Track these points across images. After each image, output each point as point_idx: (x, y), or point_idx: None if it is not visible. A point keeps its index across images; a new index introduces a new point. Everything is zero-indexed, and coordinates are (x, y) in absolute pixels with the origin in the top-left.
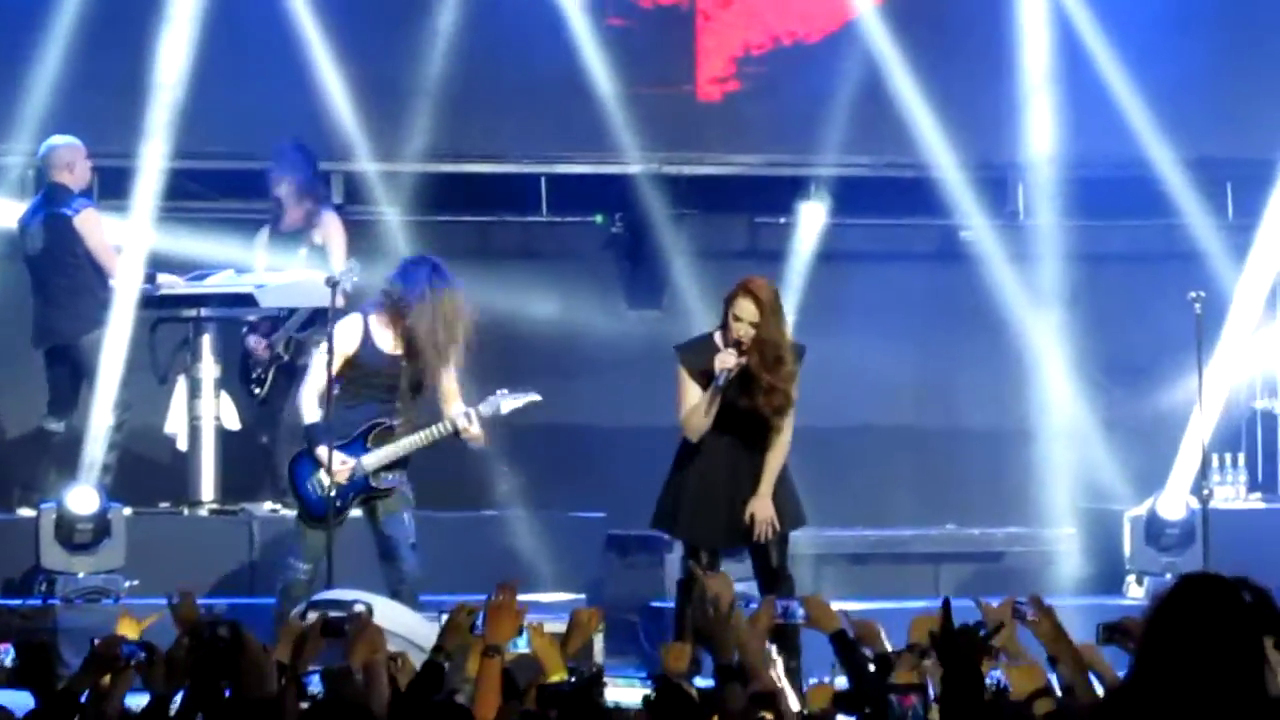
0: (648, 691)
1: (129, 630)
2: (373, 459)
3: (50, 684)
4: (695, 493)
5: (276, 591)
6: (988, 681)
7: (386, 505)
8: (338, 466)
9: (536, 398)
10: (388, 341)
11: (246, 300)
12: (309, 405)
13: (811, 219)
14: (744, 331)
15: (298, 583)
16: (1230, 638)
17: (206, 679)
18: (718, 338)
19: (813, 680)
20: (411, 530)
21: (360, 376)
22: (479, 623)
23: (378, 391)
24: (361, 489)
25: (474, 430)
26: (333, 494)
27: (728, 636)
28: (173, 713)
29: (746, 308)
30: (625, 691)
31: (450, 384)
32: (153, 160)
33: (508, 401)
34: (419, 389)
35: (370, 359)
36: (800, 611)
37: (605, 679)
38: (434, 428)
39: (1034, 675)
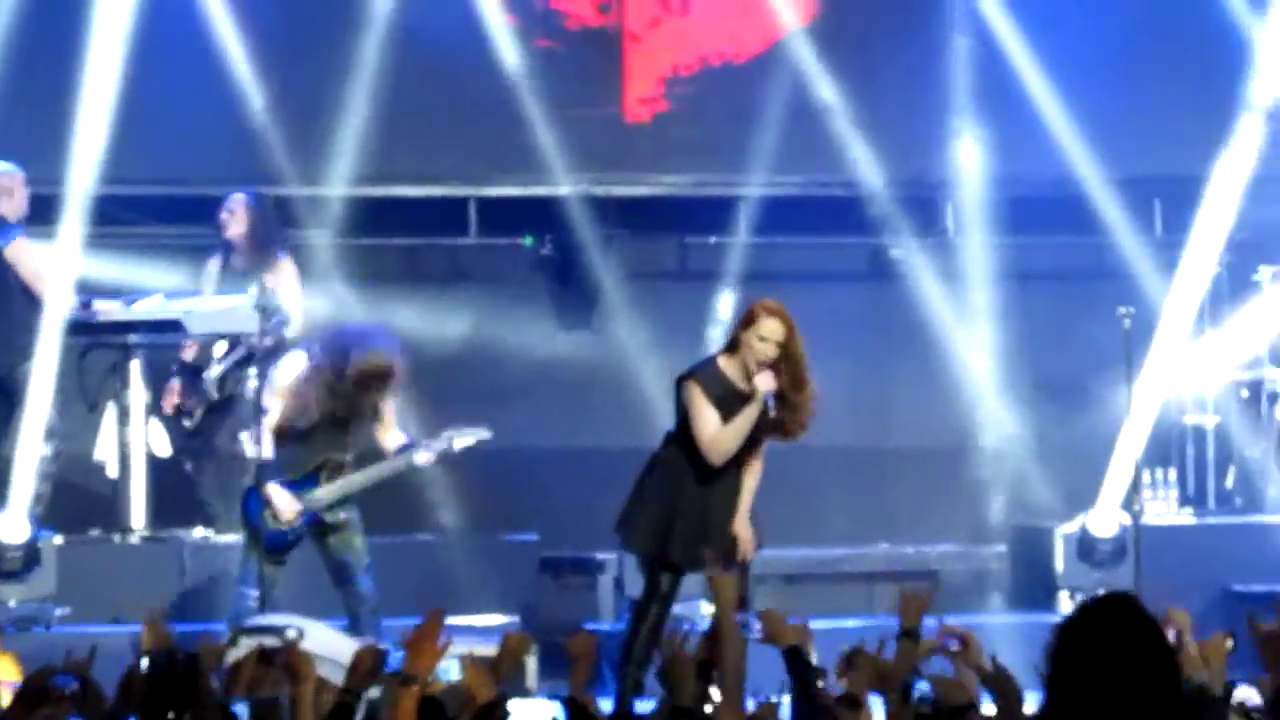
0: (556, 715)
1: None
2: (326, 493)
3: None
4: (694, 514)
5: (227, 619)
6: (914, 694)
7: (340, 535)
8: (287, 507)
9: (486, 434)
10: None
11: (174, 326)
12: (268, 442)
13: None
14: (771, 352)
15: (249, 610)
16: (1137, 653)
17: (159, 708)
18: (722, 362)
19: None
20: (365, 554)
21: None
22: (387, 662)
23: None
24: (313, 522)
25: (431, 462)
26: (286, 530)
27: (689, 680)
28: None
29: (774, 328)
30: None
31: (389, 414)
32: (80, 186)
33: (459, 439)
34: (362, 421)
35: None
36: (756, 625)
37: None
38: (391, 464)
39: (962, 690)
